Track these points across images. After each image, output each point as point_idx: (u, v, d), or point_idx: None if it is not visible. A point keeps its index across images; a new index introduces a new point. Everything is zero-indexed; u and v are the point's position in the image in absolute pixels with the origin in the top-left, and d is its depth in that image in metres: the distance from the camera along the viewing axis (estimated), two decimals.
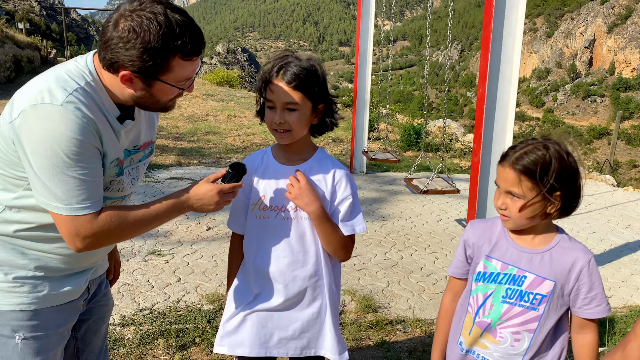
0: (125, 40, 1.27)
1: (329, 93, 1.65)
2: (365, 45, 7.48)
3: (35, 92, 1.28)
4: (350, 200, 1.65)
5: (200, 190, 1.47)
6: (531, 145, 1.40)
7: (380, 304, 3.56)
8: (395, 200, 6.46)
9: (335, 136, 11.82)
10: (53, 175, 1.27)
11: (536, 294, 1.46)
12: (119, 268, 1.93)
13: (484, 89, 3.23)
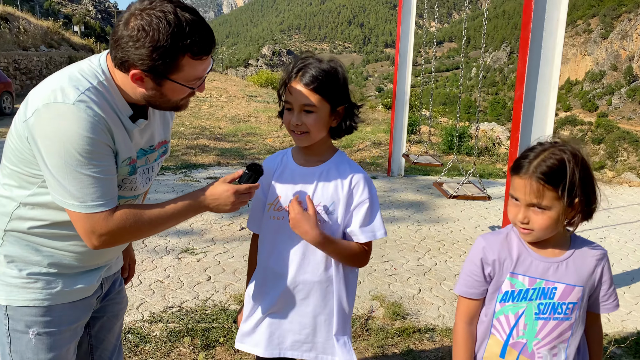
0: (135, 39, 1.27)
1: (349, 96, 1.61)
2: (406, 47, 7.37)
3: (48, 91, 1.30)
4: (367, 205, 1.60)
5: (216, 190, 1.46)
6: (547, 152, 1.32)
7: (409, 311, 3.48)
8: (432, 204, 6.32)
9: (375, 139, 11.72)
10: (67, 173, 1.28)
11: (568, 303, 1.39)
12: (134, 266, 1.94)
13: (521, 91, 3.10)
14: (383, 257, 4.49)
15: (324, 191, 1.61)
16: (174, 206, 1.43)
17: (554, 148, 1.33)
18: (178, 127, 12.32)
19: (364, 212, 1.60)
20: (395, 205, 6.17)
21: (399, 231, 5.22)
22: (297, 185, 1.63)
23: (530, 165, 1.32)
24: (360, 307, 3.52)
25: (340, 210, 1.61)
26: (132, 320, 3.21)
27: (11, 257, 1.43)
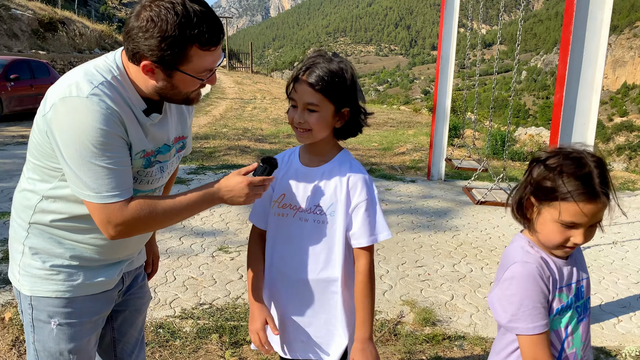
0: (144, 29, 1.31)
1: (356, 98, 1.60)
2: (448, 49, 7.24)
3: (64, 86, 1.35)
4: (365, 206, 1.58)
5: (230, 182, 1.47)
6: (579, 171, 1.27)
7: (440, 318, 3.41)
8: (472, 210, 6.17)
9: (417, 142, 11.58)
10: (82, 164, 1.32)
11: (587, 299, 1.39)
12: (157, 262, 1.98)
13: (561, 94, 2.98)
14: (417, 262, 4.42)
15: (325, 192, 1.61)
16: (188, 197, 1.45)
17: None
18: (221, 128, 12.55)
19: (362, 214, 1.58)
20: (433, 210, 6.07)
21: (435, 236, 5.13)
22: (300, 184, 1.64)
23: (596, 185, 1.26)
24: (390, 311, 3.47)
25: (340, 212, 1.60)
26: (163, 316, 3.29)
27: (35, 249, 1.48)
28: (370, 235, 1.59)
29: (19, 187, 1.52)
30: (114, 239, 1.41)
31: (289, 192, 1.65)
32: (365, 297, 1.60)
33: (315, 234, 1.62)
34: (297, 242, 1.64)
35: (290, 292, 1.67)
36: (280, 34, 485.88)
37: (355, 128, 1.64)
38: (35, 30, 22.70)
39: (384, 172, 8.16)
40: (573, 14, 2.88)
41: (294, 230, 1.64)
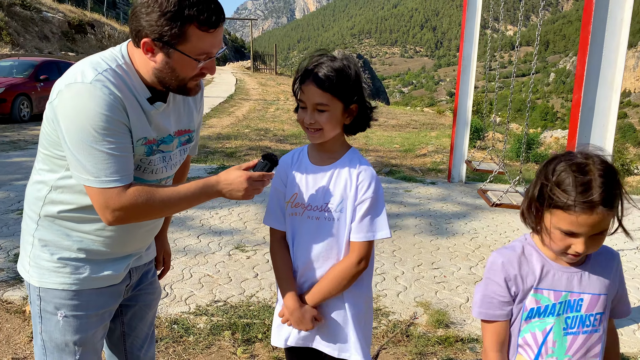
0: (146, 5, 1.35)
1: (362, 93, 1.61)
2: (470, 50, 7.17)
3: (71, 74, 1.40)
4: (369, 203, 1.60)
5: (230, 175, 1.48)
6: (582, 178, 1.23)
7: (454, 320, 3.38)
8: (492, 213, 6.10)
9: (438, 144, 11.49)
10: (83, 149, 1.35)
11: (596, 314, 1.32)
12: (169, 260, 2.00)
13: (579, 95, 2.93)
14: (433, 264, 4.39)
15: (336, 189, 1.63)
16: (187, 188, 1.47)
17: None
18: (243, 129, 12.66)
19: (364, 210, 1.60)
20: (452, 212, 6.02)
21: (453, 239, 5.09)
22: (311, 183, 1.66)
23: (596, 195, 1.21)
24: (404, 312, 3.46)
25: (349, 208, 1.62)
26: (179, 312, 3.34)
27: (45, 241, 1.53)
28: (367, 232, 1.61)
29: (31, 181, 1.57)
30: (111, 224, 1.43)
31: (300, 191, 1.67)
32: (334, 277, 1.62)
33: (326, 231, 1.64)
34: (308, 240, 1.66)
35: (305, 287, 1.69)
36: (305, 36, 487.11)
37: (364, 123, 1.66)
38: (65, 32, 23.25)
39: (404, 174, 8.13)
40: (592, 13, 2.83)
41: (306, 228, 1.66)
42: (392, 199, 6.53)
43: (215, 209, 5.68)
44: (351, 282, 1.64)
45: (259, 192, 1.52)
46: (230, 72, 34.23)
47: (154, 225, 1.68)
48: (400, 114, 20.13)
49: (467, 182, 7.72)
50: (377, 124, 15.90)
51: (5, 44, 18.27)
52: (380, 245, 4.75)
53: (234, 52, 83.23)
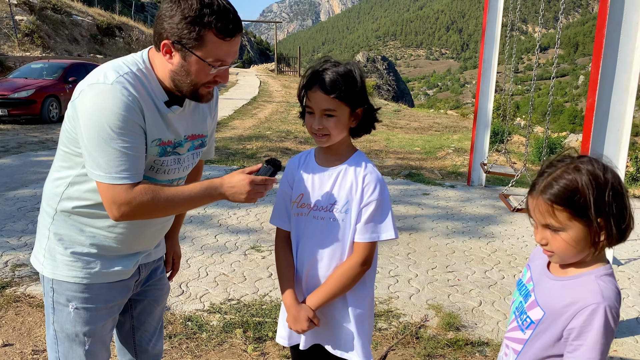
0: (169, 9, 1.44)
1: (367, 97, 1.66)
2: (490, 52, 7.12)
3: (94, 75, 1.48)
4: (374, 206, 1.64)
5: (233, 178, 1.53)
6: (560, 169, 1.25)
7: (465, 323, 3.38)
8: (510, 217, 6.04)
9: (460, 147, 11.41)
10: (98, 145, 1.43)
11: (528, 316, 1.34)
12: (178, 261, 2.07)
13: (594, 99, 2.90)
14: (448, 267, 4.38)
15: (341, 190, 1.67)
16: (191, 189, 1.53)
17: (569, 164, 1.25)
18: (265, 131, 12.77)
19: (370, 212, 1.64)
20: (469, 216, 5.99)
21: (469, 242, 5.07)
22: (317, 184, 1.71)
23: (541, 184, 1.26)
24: (415, 314, 3.47)
25: (354, 210, 1.66)
26: (193, 309, 3.41)
27: (60, 235, 1.60)
28: (372, 233, 1.65)
29: (49, 177, 1.65)
30: (118, 220, 1.50)
31: (307, 191, 1.72)
32: (339, 278, 1.65)
33: (331, 232, 1.68)
34: (313, 240, 1.70)
35: (311, 288, 1.73)
36: (329, 38, 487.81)
37: (369, 125, 1.71)
38: (94, 35, 23.81)
39: (423, 177, 8.10)
40: (606, 16, 2.81)
41: (310, 229, 1.70)
42: (409, 201, 6.53)
43: (234, 209, 5.77)
44: (354, 283, 1.68)
45: (261, 196, 1.57)
46: (254, 75, 34.50)
47: (162, 226, 1.75)
48: (423, 116, 20.02)
49: (487, 186, 7.66)
50: (399, 126, 15.86)
51: (37, 47, 18.81)
52: (395, 248, 4.76)
53: (259, 54, 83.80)
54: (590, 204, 1.19)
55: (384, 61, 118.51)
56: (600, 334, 1.17)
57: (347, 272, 1.66)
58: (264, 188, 1.55)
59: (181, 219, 2.05)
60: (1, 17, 18.45)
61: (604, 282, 1.23)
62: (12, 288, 3.60)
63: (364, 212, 1.65)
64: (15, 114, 12.42)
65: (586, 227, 1.22)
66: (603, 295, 1.20)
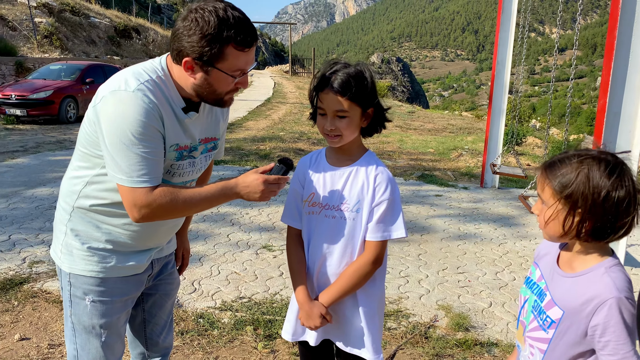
0: (188, 28, 1.48)
1: (377, 97, 1.69)
2: (504, 54, 7.10)
3: (115, 82, 1.53)
4: (386, 205, 1.67)
5: (247, 178, 1.59)
6: (565, 155, 1.29)
7: (474, 324, 3.38)
8: (523, 219, 6.02)
9: (474, 149, 11.36)
10: (120, 150, 1.48)
11: (547, 316, 1.34)
12: (187, 257, 2.12)
13: (605, 100, 2.90)
14: (458, 268, 4.39)
15: (352, 189, 1.70)
16: (207, 190, 1.58)
17: (577, 153, 1.28)
18: (278, 132, 12.84)
19: (382, 211, 1.67)
20: (481, 218, 5.97)
21: (480, 244, 5.06)
22: (328, 183, 1.73)
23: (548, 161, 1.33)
24: (424, 315, 3.48)
25: (365, 209, 1.68)
26: (205, 306, 3.47)
27: (76, 231, 1.66)
28: (384, 232, 1.68)
29: (67, 175, 1.71)
30: (138, 222, 1.56)
31: (318, 191, 1.75)
32: (351, 276, 1.69)
33: (342, 230, 1.71)
34: (324, 238, 1.73)
35: (321, 286, 1.76)
36: (344, 40, 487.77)
37: (380, 125, 1.74)
38: (111, 37, 24.12)
39: (436, 178, 8.09)
40: (618, 17, 2.80)
41: (321, 227, 1.73)
42: (421, 202, 6.53)
43: (246, 209, 5.82)
44: (365, 280, 1.71)
45: (275, 195, 1.62)
46: (268, 76, 34.68)
47: (174, 223, 1.80)
48: (438, 117, 19.96)
49: (500, 188, 7.63)
50: (413, 127, 15.83)
51: (55, 49, 19.12)
52: (406, 249, 4.78)
53: (274, 55, 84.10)
54: (574, 194, 1.24)
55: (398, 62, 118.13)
56: (623, 326, 1.20)
57: (359, 270, 1.69)
58: (277, 187, 1.60)
59: (190, 216, 2.10)
60: (21, 19, 18.80)
61: (614, 273, 1.25)
62: (29, 284, 3.69)
63: (375, 212, 1.68)
64: (34, 114, 12.66)
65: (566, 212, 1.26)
66: (617, 287, 1.22)
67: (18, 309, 3.35)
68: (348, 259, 1.71)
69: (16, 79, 15.34)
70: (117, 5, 30.02)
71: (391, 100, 30.72)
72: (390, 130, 14.30)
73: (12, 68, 15.97)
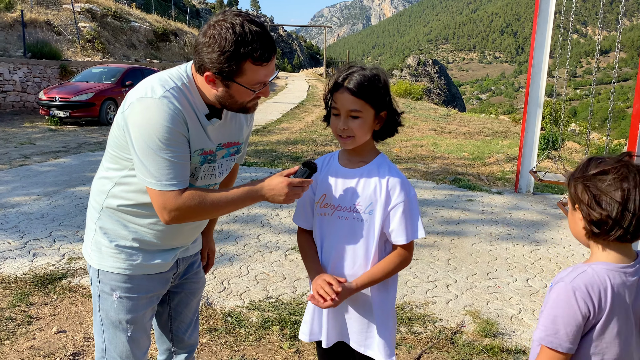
0: (207, 45, 1.52)
1: (391, 101, 1.71)
2: (540, 56, 6.96)
3: (142, 88, 1.59)
4: (402, 208, 1.68)
5: (272, 181, 1.63)
6: (608, 165, 1.26)
7: (502, 331, 3.33)
8: (558, 225, 5.88)
9: (510, 153, 11.14)
10: (148, 155, 1.54)
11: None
12: (213, 256, 2.18)
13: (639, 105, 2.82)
14: (488, 274, 4.33)
15: (364, 191, 1.72)
16: (234, 192, 1.63)
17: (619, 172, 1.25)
18: (311, 134, 12.91)
19: (399, 214, 1.68)
20: (514, 223, 5.86)
21: (512, 249, 4.97)
22: (340, 185, 1.76)
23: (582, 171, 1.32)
24: (451, 320, 3.46)
25: (378, 211, 1.70)
26: (233, 305, 3.54)
27: (105, 229, 1.73)
28: (410, 233, 1.70)
29: (97, 175, 1.79)
30: (168, 223, 1.62)
31: (329, 192, 1.77)
32: (385, 265, 1.71)
33: (354, 232, 1.73)
34: (338, 240, 1.75)
35: None
36: (380, 42, 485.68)
37: (392, 129, 1.76)
38: (150, 40, 24.75)
39: (469, 182, 7.98)
40: None
41: (334, 228, 1.76)
42: (453, 206, 6.46)
43: (277, 211, 5.89)
44: (392, 274, 1.72)
45: (299, 197, 1.66)
46: (303, 79, 34.89)
47: (199, 224, 1.86)
48: (473, 121, 19.65)
49: (535, 193, 7.47)
50: (447, 131, 15.64)
51: (97, 52, 19.76)
52: (436, 253, 4.74)
53: (309, 58, 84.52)
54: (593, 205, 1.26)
55: (435, 65, 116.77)
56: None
57: (392, 262, 1.71)
58: (301, 189, 1.64)
59: (216, 217, 2.16)
60: (66, 24, 19.52)
61: None
62: (67, 279, 3.85)
63: (393, 215, 1.69)
64: (76, 115, 13.13)
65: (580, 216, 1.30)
66: None
67: (56, 302, 3.50)
68: (362, 260, 1.73)
69: (60, 81, 15.92)
70: (156, 10, 30.79)
71: (426, 102, 30.43)
72: (424, 133, 14.18)
73: (56, 71, 16.59)
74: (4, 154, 9.03)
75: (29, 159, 8.54)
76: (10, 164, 8.13)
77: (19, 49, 16.69)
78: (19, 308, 3.39)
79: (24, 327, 3.16)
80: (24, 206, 5.70)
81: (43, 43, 17.06)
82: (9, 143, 10.20)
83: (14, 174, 7.33)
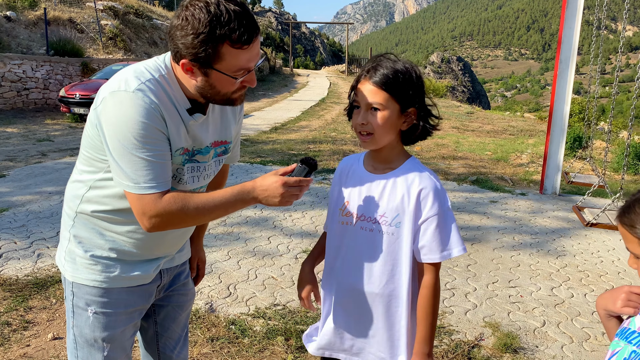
0: (180, 28, 1.35)
1: (423, 97, 1.49)
2: (568, 53, 6.63)
3: (116, 82, 1.41)
4: (436, 222, 1.47)
5: (266, 181, 1.43)
6: (635, 198, 1.14)
7: (524, 345, 3.10)
8: (585, 230, 5.57)
9: (535, 152, 10.78)
10: (123, 155, 1.37)
11: None
12: (203, 267, 2.00)
13: None
14: (510, 282, 4.08)
15: (390, 202, 1.51)
16: (222, 195, 1.44)
17: None
18: (330, 132, 12.72)
19: (434, 228, 1.47)
20: (539, 227, 5.58)
21: (536, 256, 4.70)
22: (364, 192, 1.56)
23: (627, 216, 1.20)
24: (469, 332, 3.23)
25: (407, 224, 1.49)
26: (238, 312, 3.37)
27: (79, 237, 1.57)
28: (442, 251, 1.49)
29: (71, 179, 1.63)
30: (150, 231, 1.44)
31: (353, 199, 1.58)
32: (429, 313, 1.51)
33: (379, 245, 1.53)
34: (360, 252, 1.56)
35: (351, 303, 1.60)
36: (403, 39, 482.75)
37: (424, 131, 1.53)
38: None
39: (492, 183, 7.69)
40: None
41: (357, 240, 1.57)
42: (474, 209, 6.20)
43: (289, 211, 5.72)
44: (437, 303, 1.54)
45: (297, 198, 1.46)
46: (324, 76, 34.73)
47: (183, 231, 1.68)
48: (498, 119, 19.19)
49: (561, 195, 7.14)
50: (471, 129, 15.27)
51: (119, 50, 19.88)
52: (455, 259, 4.50)
53: (331, 56, 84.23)
54: None
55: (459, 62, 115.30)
56: None
57: (429, 303, 1.52)
58: (299, 190, 1.44)
59: (207, 223, 1.98)
60: (88, 22, 19.67)
61: None
62: None
63: (425, 229, 1.48)
64: None
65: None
66: None
67: (55, 307, 3.38)
68: (388, 277, 1.53)
69: (81, 79, 16.04)
70: (178, 7, 30.94)
71: (450, 100, 29.94)
72: (447, 131, 13.85)
73: (78, 69, 16.70)
74: (22, 150, 9.06)
75: (46, 156, 8.54)
76: (27, 161, 8.14)
77: (42, 46, 16.86)
78: (16, 312, 3.27)
79: (19, 333, 3.04)
80: (34, 204, 5.64)
81: (65, 41, 17.19)
82: (28, 140, 10.25)
83: (29, 171, 7.31)
